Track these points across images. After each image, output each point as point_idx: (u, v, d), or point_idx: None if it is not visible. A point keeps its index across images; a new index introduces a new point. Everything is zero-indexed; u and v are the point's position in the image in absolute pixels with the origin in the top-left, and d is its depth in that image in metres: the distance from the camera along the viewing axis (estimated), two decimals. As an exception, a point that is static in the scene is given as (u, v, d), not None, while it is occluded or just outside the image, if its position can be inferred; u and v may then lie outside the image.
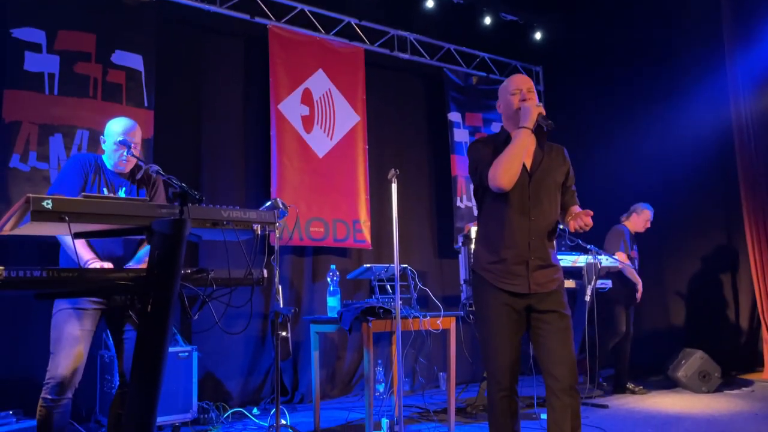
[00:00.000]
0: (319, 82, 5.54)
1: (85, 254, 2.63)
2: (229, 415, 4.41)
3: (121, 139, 2.78)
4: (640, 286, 5.27)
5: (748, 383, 5.39)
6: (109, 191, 2.79)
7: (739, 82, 5.84)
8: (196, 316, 2.13)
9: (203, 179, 4.95)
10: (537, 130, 2.61)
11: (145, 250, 2.83)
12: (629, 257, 5.25)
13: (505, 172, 2.48)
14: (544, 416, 4.12)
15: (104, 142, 2.85)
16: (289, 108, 5.32)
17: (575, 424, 2.46)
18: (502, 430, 2.55)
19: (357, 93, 5.75)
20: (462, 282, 4.64)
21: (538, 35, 7.03)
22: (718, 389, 5.14)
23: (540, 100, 7.15)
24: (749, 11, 5.86)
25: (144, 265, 2.78)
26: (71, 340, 2.60)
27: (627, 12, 6.55)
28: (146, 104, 4.49)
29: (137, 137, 2.86)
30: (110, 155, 2.82)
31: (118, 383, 2.84)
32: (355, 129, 5.68)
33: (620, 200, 5.83)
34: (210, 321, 2.29)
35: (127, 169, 2.86)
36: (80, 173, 2.75)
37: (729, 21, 5.91)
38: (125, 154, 2.77)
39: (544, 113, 2.56)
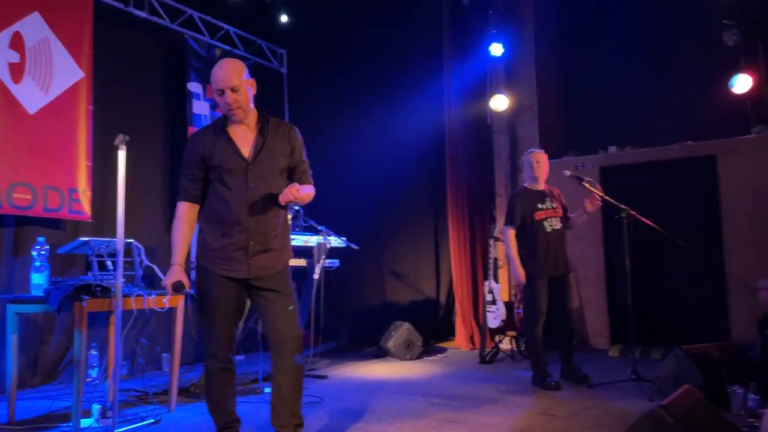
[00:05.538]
0: (33, 27, 4.77)
1: None
2: None
3: None
4: (517, 271, 4.28)
5: (443, 350, 6.29)
6: None
7: (453, 91, 6.71)
8: None
9: None
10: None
11: None
12: (546, 218, 4.34)
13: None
14: (267, 390, 4.25)
15: None
16: (-8, 51, 4.50)
17: (297, 395, 2.63)
18: (220, 399, 2.70)
19: (82, 46, 5.10)
20: (194, 259, 4.48)
21: (284, 17, 7.11)
22: (420, 356, 5.90)
23: (284, 84, 7.35)
24: (464, 28, 6.77)
25: None
26: None
27: (365, 8, 6.89)
28: None
29: None
30: None
31: None
32: (77, 86, 5.04)
33: (347, 188, 6.29)
34: None
35: None
36: None
37: (448, 33, 6.73)
38: None
39: None
